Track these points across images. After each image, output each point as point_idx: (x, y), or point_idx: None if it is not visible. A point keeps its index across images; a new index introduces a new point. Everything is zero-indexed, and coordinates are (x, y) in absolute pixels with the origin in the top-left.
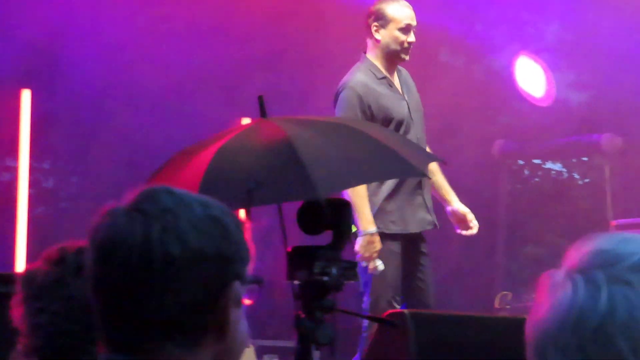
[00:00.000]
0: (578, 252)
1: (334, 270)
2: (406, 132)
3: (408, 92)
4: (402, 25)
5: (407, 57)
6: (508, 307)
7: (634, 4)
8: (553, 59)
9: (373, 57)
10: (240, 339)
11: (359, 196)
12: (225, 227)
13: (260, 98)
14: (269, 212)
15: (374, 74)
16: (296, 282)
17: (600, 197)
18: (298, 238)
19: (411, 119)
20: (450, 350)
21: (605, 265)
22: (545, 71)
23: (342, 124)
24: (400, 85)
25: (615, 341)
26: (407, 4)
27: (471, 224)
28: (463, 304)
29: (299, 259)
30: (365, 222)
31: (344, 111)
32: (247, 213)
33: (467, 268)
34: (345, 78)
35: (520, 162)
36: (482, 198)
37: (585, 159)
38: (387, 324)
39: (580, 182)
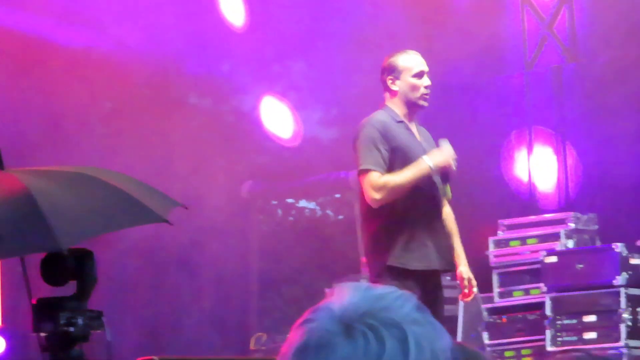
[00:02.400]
0: (349, 300)
1: (79, 321)
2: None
3: (426, 141)
4: (416, 71)
5: (425, 104)
6: (263, 348)
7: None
8: (300, 97)
9: (392, 105)
10: None
11: (392, 179)
12: None
13: None
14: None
15: (392, 117)
16: (42, 334)
17: (352, 234)
18: (46, 289)
19: None
20: None
21: (389, 311)
22: (292, 110)
23: (83, 174)
24: (419, 134)
25: None
26: (415, 52)
27: (472, 290)
28: (219, 347)
29: (44, 310)
30: (417, 165)
31: (366, 147)
32: None
33: (222, 310)
34: (363, 120)
35: (274, 202)
36: (234, 240)
37: (337, 195)
38: None
39: (333, 220)
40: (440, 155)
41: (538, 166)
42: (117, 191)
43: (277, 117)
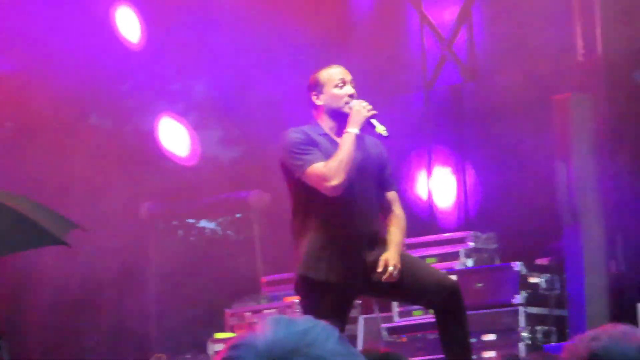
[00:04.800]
0: (273, 336)
1: None
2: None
3: (363, 152)
4: (336, 81)
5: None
6: None
7: (280, 63)
8: (200, 116)
9: (320, 121)
10: None
11: (333, 161)
12: None
13: None
14: None
15: (314, 130)
16: None
17: (252, 254)
18: None
19: (356, 174)
20: None
21: (315, 347)
22: (189, 130)
23: None
24: (361, 146)
25: None
26: (338, 65)
27: (387, 270)
28: None
29: None
30: (343, 140)
31: (297, 151)
32: None
33: (121, 330)
34: (284, 133)
35: (174, 222)
36: (133, 260)
37: (238, 215)
38: None
39: (234, 240)
40: (356, 116)
41: (438, 186)
42: (15, 214)
43: (175, 137)
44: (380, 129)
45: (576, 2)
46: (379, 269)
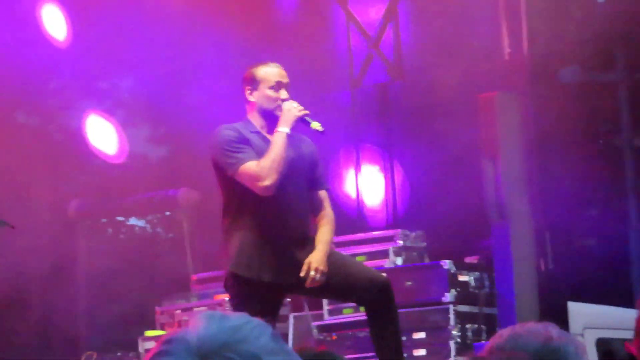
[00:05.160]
0: (205, 331)
1: None
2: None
3: (294, 151)
4: (272, 83)
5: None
6: None
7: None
8: (128, 114)
9: (251, 117)
10: None
11: (265, 160)
12: None
13: None
14: None
15: (246, 127)
16: None
17: (181, 252)
18: None
19: (286, 174)
20: None
21: (247, 343)
22: (117, 128)
23: None
24: (294, 146)
25: None
26: (276, 64)
27: (309, 274)
28: None
29: None
30: (274, 139)
31: (229, 149)
32: None
33: (51, 328)
34: (214, 130)
35: (103, 220)
36: (61, 259)
37: (167, 213)
38: None
39: (163, 238)
40: (286, 115)
41: (366, 184)
42: None
43: (103, 135)
44: (315, 125)
45: (502, 1)
46: (302, 273)
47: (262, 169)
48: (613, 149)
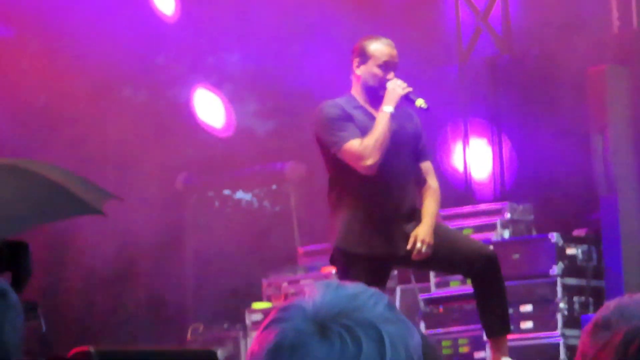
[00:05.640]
0: (321, 299)
1: None
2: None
3: (398, 125)
4: (381, 62)
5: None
6: (200, 338)
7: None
8: (235, 88)
9: (354, 92)
10: None
11: (368, 139)
12: None
13: None
14: None
15: (349, 102)
16: None
17: (288, 225)
18: None
19: (391, 148)
20: None
21: (363, 311)
22: (224, 102)
23: (16, 166)
24: (396, 119)
25: None
26: (389, 42)
27: (415, 246)
28: (156, 337)
29: None
30: (379, 118)
31: (332, 126)
32: None
33: (158, 301)
34: (318, 106)
35: (210, 193)
36: (169, 231)
37: (274, 187)
38: None
39: (270, 211)
40: (391, 94)
41: (474, 157)
42: (50, 183)
43: (210, 109)
44: (420, 102)
45: None
46: (409, 246)
47: (365, 148)
48: None
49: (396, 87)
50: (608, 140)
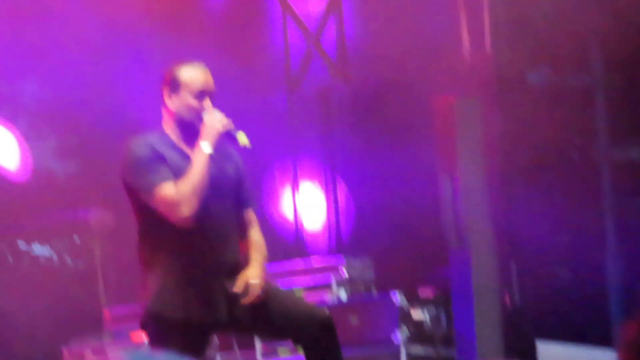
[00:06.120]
0: None
1: None
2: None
3: (217, 166)
4: (196, 91)
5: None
6: None
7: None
8: (32, 122)
9: (166, 127)
10: None
11: (183, 184)
12: None
13: None
14: None
15: (162, 141)
16: None
17: (93, 283)
18: None
19: (210, 194)
20: None
21: None
22: (19, 138)
23: None
24: (218, 160)
25: None
26: (204, 67)
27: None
28: None
29: None
30: (196, 156)
31: (143, 167)
32: None
33: None
34: (127, 143)
35: (2, 247)
36: None
37: (76, 238)
38: None
39: (72, 267)
40: (209, 130)
41: (305, 203)
42: None
43: (3, 147)
44: (243, 139)
45: None
46: (239, 289)
47: (178, 195)
48: (588, 162)
49: (214, 122)
50: (458, 184)
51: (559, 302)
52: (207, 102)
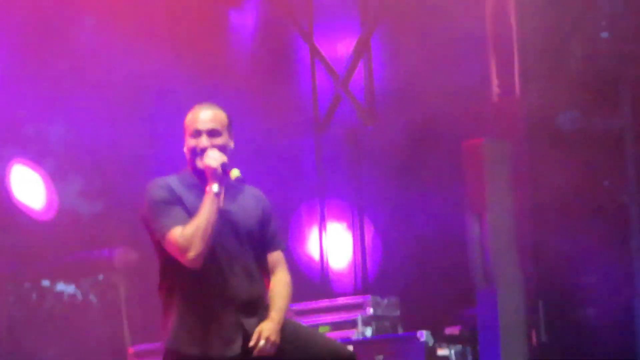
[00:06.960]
0: None
1: None
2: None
3: (232, 203)
4: (191, 130)
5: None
6: None
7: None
8: (58, 163)
9: (187, 169)
10: None
11: (189, 227)
12: None
13: None
14: None
15: (181, 182)
16: None
17: (117, 321)
18: None
19: (228, 233)
20: None
21: None
22: (45, 179)
23: None
24: (235, 199)
25: None
26: (202, 107)
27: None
28: None
29: None
30: (205, 200)
31: (157, 210)
32: None
33: None
34: (147, 185)
35: (27, 285)
36: None
37: (100, 277)
38: None
39: (97, 305)
40: (208, 171)
41: (332, 243)
42: None
43: (29, 188)
44: (234, 172)
45: (491, 37)
46: (252, 343)
47: (184, 239)
48: (617, 205)
49: (210, 161)
50: (486, 224)
51: (585, 342)
52: (203, 139)
